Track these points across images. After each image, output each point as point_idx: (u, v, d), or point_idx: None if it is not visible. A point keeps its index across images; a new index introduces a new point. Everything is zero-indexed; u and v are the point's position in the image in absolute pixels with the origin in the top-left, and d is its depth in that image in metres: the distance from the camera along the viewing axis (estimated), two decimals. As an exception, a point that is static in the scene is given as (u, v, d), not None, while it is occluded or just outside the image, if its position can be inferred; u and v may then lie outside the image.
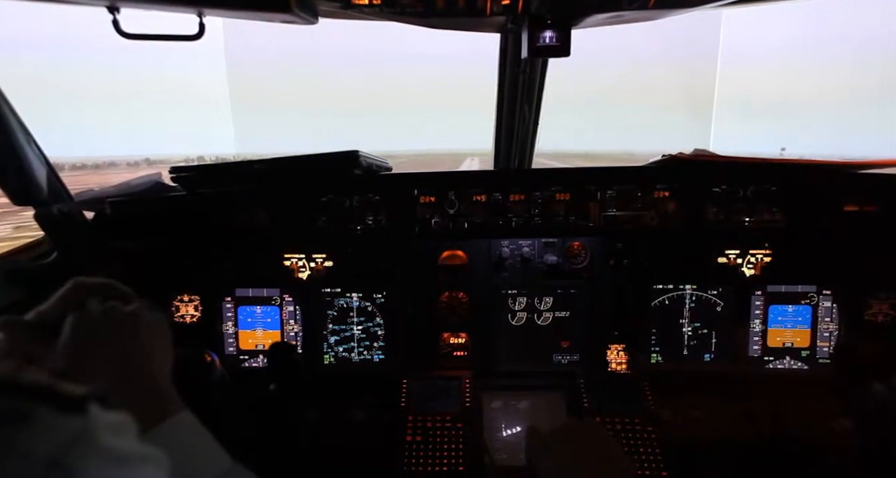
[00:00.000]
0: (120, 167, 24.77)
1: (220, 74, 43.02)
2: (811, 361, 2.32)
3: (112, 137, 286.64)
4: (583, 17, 1.62)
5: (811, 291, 2.31)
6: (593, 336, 2.40)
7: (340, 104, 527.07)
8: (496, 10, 1.54)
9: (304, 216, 2.25)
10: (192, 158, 47.68)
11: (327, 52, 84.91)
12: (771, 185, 2.18)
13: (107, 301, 1.00)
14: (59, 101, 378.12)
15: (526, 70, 2.31)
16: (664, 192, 2.22)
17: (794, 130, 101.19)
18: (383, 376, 2.37)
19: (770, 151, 5.23)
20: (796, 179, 2.20)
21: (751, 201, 2.20)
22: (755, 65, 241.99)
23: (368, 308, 2.42)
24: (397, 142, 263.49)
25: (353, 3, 1.46)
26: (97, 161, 32.51)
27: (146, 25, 1.60)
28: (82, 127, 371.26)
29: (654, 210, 2.23)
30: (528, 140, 2.57)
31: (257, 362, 2.42)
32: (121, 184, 2.15)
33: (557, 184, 2.24)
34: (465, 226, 2.26)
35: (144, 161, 32.78)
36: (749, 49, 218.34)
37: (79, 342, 0.92)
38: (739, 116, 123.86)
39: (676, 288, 2.36)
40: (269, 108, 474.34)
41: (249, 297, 2.41)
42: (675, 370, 2.36)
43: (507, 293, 2.42)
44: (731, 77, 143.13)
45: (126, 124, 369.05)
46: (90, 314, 0.95)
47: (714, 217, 2.22)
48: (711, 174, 2.23)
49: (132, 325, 0.99)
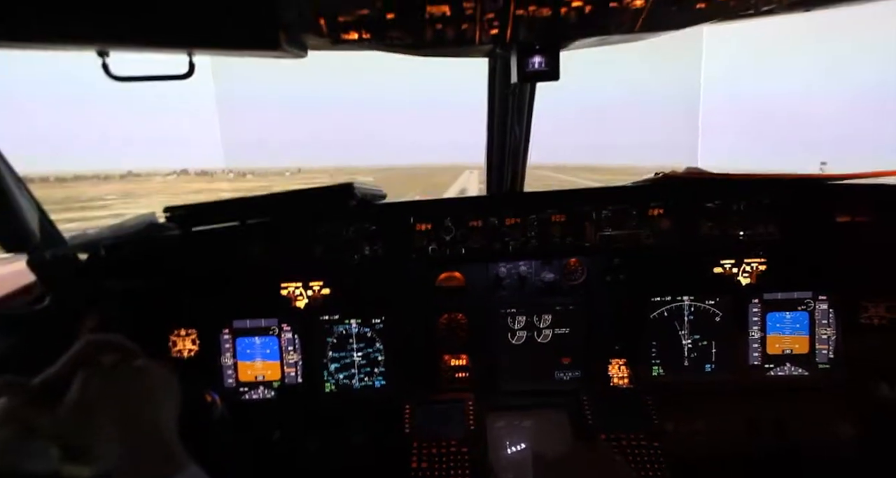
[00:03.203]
0: (89, 180, 24.29)
1: (207, 83, 42.93)
2: (811, 366, 2.34)
3: (85, 148, 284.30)
4: (570, 41, 1.64)
5: (807, 298, 2.33)
6: (594, 351, 2.40)
7: (334, 117, 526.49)
8: (485, 40, 1.55)
9: (301, 249, 2.25)
10: (177, 169, 46.55)
11: (317, 61, 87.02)
12: (763, 199, 2.21)
13: (115, 358, 0.99)
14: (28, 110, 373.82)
15: (515, 92, 2.33)
16: (658, 209, 2.24)
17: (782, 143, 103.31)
18: (385, 401, 2.35)
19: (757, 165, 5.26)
20: (788, 192, 2.24)
21: (744, 215, 2.22)
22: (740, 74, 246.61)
23: (368, 334, 2.41)
24: (394, 155, 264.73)
25: (342, 38, 1.47)
26: (63, 174, 31.34)
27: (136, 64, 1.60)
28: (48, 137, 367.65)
29: (649, 228, 2.25)
30: (520, 159, 2.59)
31: (258, 394, 2.39)
32: (115, 225, 2.13)
33: (552, 206, 2.25)
34: (463, 252, 2.26)
35: (128, 173, 31.62)
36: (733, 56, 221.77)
37: (88, 400, 0.91)
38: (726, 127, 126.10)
39: (674, 300, 2.38)
40: (258, 120, 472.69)
41: (247, 328, 2.39)
42: (677, 382, 2.37)
43: (506, 312, 2.41)
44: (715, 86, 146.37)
45: (99, 134, 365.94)
46: (100, 372, 0.95)
47: (709, 232, 2.24)
48: (704, 190, 2.26)
49: (140, 381, 0.98)
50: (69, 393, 0.91)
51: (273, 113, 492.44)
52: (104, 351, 0.98)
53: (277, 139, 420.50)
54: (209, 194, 37.48)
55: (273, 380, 2.39)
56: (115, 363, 0.97)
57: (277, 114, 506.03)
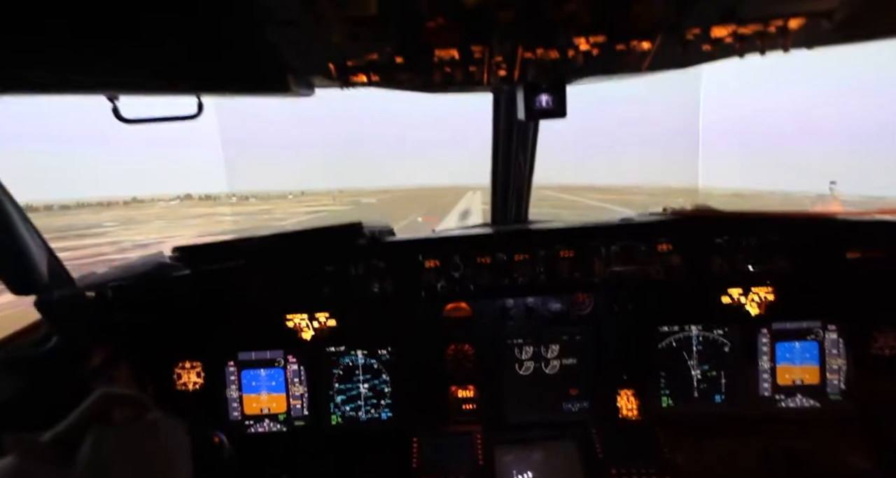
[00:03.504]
0: (92, 207, 24.38)
1: (210, 114, 43.33)
2: (822, 397, 2.31)
3: (91, 176, 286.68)
4: (576, 80, 1.66)
5: (816, 327, 2.31)
6: (602, 382, 2.37)
7: (338, 140, 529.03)
8: (493, 81, 1.57)
9: (309, 287, 2.25)
10: (181, 195, 46.83)
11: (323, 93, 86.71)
12: (773, 235, 2.21)
13: (128, 413, 0.99)
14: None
15: (520, 123, 2.35)
16: (667, 245, 2.24)
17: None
18: (392, 434, 2.33)
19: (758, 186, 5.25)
20: (798, 229, 2.23)
21: (754, 251, 2.22)
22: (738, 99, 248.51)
23: (374, 365, 2.39)
24: (397, 176, 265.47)
25: (351, 80, 1.48)
26: (66, 202, 31.35)
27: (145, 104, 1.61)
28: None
29: (658, 264, 2.24)
30: (524, 187, 2.60)
31: (263, 428, 2.36)
32: (123, 265, 2.14)
33: (561, 242, 2.25)
34: (471, 288, 2.26)
35: (132, 199, 31.78)
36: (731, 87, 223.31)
37: (101, 459, 0.90)
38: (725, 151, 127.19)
39: (682, 329, 2.36)
40: (260, 144, 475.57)
41: (252, 360, 2.37)
42: (687, 414, 2.34)
43: (514, 343, 2.40)
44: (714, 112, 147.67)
45: (105, 162, 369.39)
46: (113, 428, 0.94)
47: (719, 268, 2.24)
48: (713, 227, 2.25)
49: (153, 437, 0.98)
50: (81, 451, 0.90)
51: (276, 137, 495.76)
52: (116, 406, 0.98)
53: (280, 162, 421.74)
54: (209, 219, 37.49)
55: (279, 413, 2.37)
56: (127, 419, 0.97)
57: (280, 138, 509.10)
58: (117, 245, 21.09)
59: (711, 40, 1.35)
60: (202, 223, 33.72)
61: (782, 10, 1.24)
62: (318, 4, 1.04)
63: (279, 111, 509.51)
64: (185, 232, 28.18)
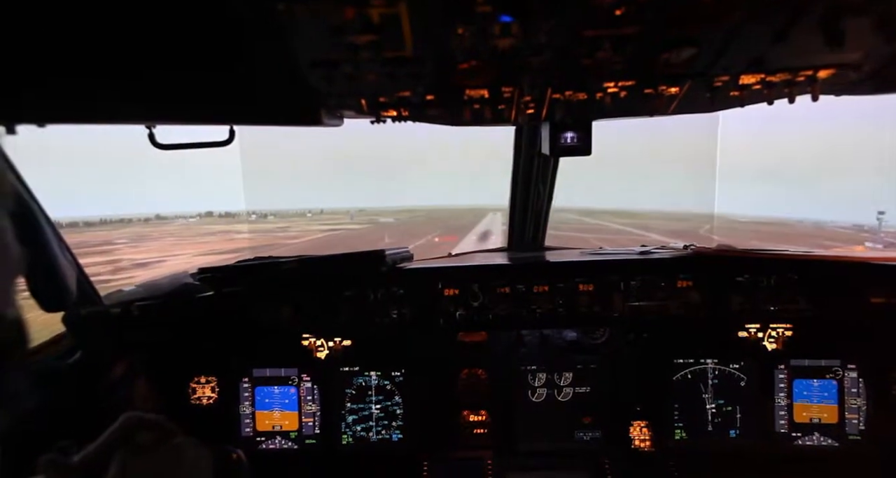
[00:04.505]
0: (113, 224, 24.52)
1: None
2: (841, 437, 2.27)
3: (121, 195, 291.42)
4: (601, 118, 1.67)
5: (835, 365, 2.28)
6: (615, 412, 2.36)
7: (361, 161, 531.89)
8: (521, 119, 1.59)
9: (328, 311, 2.27)
10: (202, 212, 46.94)
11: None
12: (794, 274, 2.19)
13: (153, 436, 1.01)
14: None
15: (541, 155, 2.36)
16: (687, 281, 2.23)
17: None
18: (402, 456, 2.33)
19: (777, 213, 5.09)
20: (819, 271, 2.22)
21: (774, 290, 2.21)
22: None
23: (387, 387, 2.40)
24: (418, 196, 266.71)
25: (382, 115, 1.51)
26: (90, 219, 31.54)
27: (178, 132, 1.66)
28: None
29: (678, 300, 2.23)
30: (542, 215, 2.60)
31: (274, 444, 2.38)
32: (149, 284, 2.18)
33: (581, 275, 2.25)
34: (490, 318, 2.26)
35: (156, 216, 32.12)
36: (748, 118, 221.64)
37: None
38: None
39: (697, 362, 2.34)
40: (278, 165, 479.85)
41: (267, 377, 2.39)
42: (701, 447, 2.31)
43: (527, 369, 2.39)
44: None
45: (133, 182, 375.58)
46: (139, 451, 0.97)
47: (739, 307, 2.22)
48: (734, 265, 2.24)
49: (178, 462, 1.02)
50: (108, 474, 0.93)
51: (297, 154, 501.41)
52: (143, 430, 1.01)
53: (299, 181, 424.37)
54: (222, 236, 37.78)
55: (290, 430, 2.38)
56: (152, 443, 1.00)
57: (301, 156, 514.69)
58: (115, 264, 21.21)
59: (740, 87, 1.36)
60: (213, 241, 34.02)
61: (811, 62, 1.25)
62: (355, 46, 1.07)
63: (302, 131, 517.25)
64: (190, 250, 28.44)
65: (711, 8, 1.01)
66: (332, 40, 1.05)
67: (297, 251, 2.57)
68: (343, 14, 0.96)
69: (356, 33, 1.02)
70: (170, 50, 1.17)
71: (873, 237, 25.69)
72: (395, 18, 0.99)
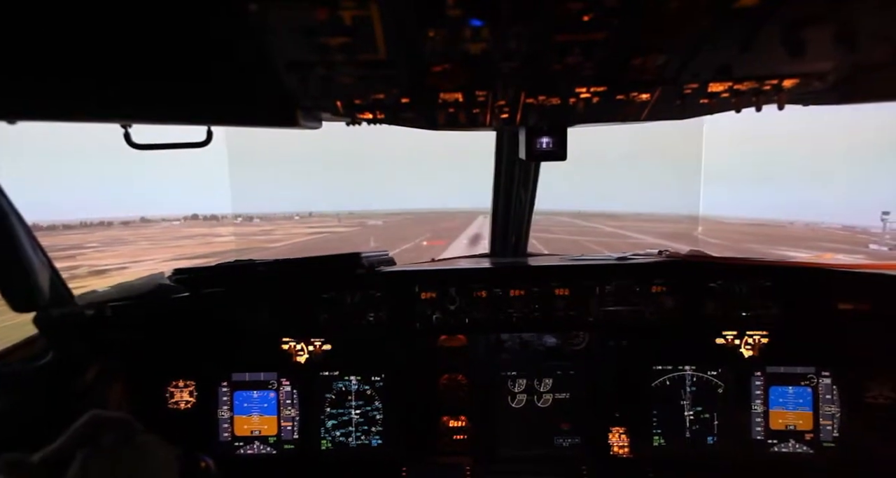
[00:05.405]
0: (94, 227, 23.90)
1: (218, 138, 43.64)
2: (816, 444, 2.29)
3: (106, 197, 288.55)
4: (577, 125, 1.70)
5: (810, 373, 2.31)
6: (594, 418, 2.37)
7: (347, 163, 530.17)
8: (495, 123, 1.61)
9: (306, 314, 2.27)
10: (187, 215, 46.48)
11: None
12: (765, 281, 2.23)
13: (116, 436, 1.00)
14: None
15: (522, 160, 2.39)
16: (662, 287, 2.25)
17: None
18: (382, 462, 2.31)
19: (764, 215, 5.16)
20: (790, 278, 2.25)
21: (747, 297, 2.24)
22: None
23: (367, 391, 2.39)
24: (408, 199, 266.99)
25: (358, 117, 1.52)
26: (70, 222, 31.11)
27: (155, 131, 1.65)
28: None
29: (652, 305, 2.26)
30: (524, 221, 2.62)
31: (252, 450, 2.35)
32: (124, 285, 2.16)
33: (556, 279, 2.27)
34: (466, 321, 2.27)
35: (141, 219, 31.67)
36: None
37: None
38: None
39: (676, 369, 2.36)
40: (266, 167, 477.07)
41: (246, 381, 2.37)
42: (679, 454, 2.32)
43: (507, 375, 2.40)
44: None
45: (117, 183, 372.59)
46: (101, 450, 0.96)
47: (713, 313, 2.25)
48: (707, 271, 2.28)
49: (141, 459, 1.01)
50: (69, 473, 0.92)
51: (284, 157, 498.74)
52: (106, 428, 1.00)
53: (287, 184, 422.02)
54: (199, 240, 37.38)
55: (269, 435, 2.36)
56: (115, 443, 0.99)
57: (288, 158, 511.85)
58: (71, 272, 20.29)
59: (708, 94, 1.39)
60: (188, 245, 33.66)
61: (776, 71, 1.28)
62: (330, 49, 1.08)
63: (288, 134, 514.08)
64: (160, 255, 28.01)
65: (679, 15, 1.04)
66: (306, 42, 1.06)
67: (276, 255, 2.57)
68: (315, 16, 0.97)
69: (329, 35, 1.04)
70: (145, 50, 1.18)
71: (877, 239, 25.70)
72: (367, 20, 1.00)
